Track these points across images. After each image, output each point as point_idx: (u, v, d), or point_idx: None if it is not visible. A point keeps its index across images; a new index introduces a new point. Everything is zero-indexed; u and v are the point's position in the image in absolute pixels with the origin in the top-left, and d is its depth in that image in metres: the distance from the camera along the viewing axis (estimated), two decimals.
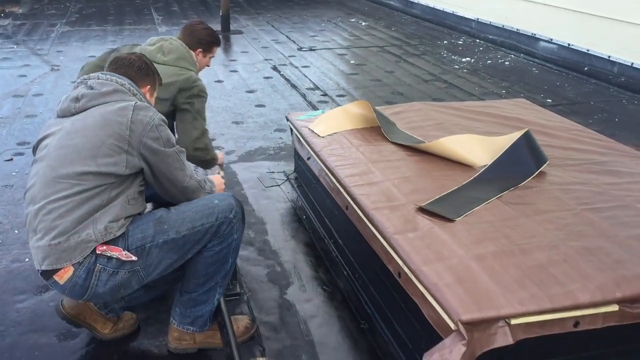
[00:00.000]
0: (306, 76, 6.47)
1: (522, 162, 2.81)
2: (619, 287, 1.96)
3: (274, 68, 6.80)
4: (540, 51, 7.54)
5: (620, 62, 6.39)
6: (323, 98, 5.71)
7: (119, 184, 2.01)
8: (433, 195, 2.54)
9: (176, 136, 2.84)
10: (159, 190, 2.16)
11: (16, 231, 3.18)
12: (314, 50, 7.78)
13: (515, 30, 8.03)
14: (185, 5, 11.20)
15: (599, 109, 5.61)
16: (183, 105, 2.89)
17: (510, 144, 2.87)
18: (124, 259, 1.97)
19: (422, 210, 2.43)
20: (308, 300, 2.67)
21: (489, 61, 7.40)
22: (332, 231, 3.06)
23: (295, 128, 3.50)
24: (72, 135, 2.01)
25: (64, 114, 2.10)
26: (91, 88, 2.09)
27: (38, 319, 2.50)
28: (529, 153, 2.85)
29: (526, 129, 2.98)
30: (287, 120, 3.72)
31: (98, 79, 2.13)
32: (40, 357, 2.28)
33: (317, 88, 6.04)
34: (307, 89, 6.00)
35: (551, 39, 7.38)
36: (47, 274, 1.98)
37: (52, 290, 2.65)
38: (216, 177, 2.47)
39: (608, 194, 2.61)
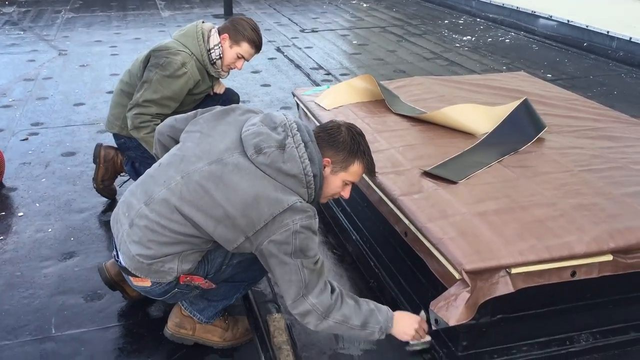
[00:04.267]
0: (309, 57, 6.57)
1: (521, 128, 2.93)
2: (613, 238, 2.09)
3: (278, 49, 6.89)
4: (540, 28, 7.62)
5: (618, 37, 6.48)
6: (327, 77, 5.81)
7: (216, 249, 1.98)
8: (437, 161, 2.66)
9: None
10: None
11: (37, 204, 3.31)
12: (317, 31, 7.86)
13: (515, 8, 8.10)
14: None
15: (598, 82, 5.71)
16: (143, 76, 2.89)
17: (510, 112, 2.99)
18: (205, 288, 2.05)
19: (426, 174, 2.55)
20: None
21: (490, 39, 7.48)
22: (339, 199, 3.19)
23: (302, 102, 3.61)
24: (220, 186, 1.83)
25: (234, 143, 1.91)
26: (282, 149, 1.83)
27: (64, 282, 2.64)
28: (528, 120, 2.97)
29: (524, 98, 3.09)
30: (294, 95, 3.83)
31: (297, 147, 1.85)
32: (69, 317, 2.42)
33: (320, 67, 6.13)
34: (310, 68, 6.10)
35: (551, 16, 7.46)
36: (124, 269, 2.03)
37: (76, 256, 2.81)
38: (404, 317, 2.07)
39: (604, 156, 2.73)
